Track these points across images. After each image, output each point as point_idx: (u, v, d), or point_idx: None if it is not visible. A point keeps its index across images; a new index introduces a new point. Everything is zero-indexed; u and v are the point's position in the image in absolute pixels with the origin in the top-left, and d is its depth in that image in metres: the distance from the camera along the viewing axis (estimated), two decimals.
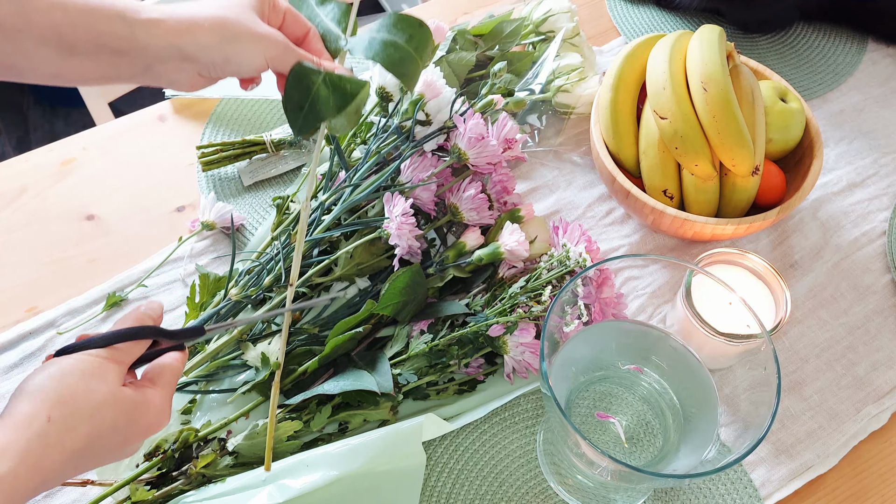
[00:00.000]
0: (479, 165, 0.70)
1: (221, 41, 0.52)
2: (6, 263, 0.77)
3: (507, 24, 0.87)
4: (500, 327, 0.65)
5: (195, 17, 0.51)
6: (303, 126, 0.54)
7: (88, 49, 0.49)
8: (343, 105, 0.55)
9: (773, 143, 0.77)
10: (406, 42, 0.55)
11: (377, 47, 0.55)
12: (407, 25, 0.56)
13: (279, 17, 0.57)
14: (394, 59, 0.55)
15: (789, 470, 0.68)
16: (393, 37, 0.55)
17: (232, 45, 0.52)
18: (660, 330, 0.67)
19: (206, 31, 0.51)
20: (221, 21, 0.52)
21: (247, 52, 0.53)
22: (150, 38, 0.50)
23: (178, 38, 0.51)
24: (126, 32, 0.49)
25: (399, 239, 0.65)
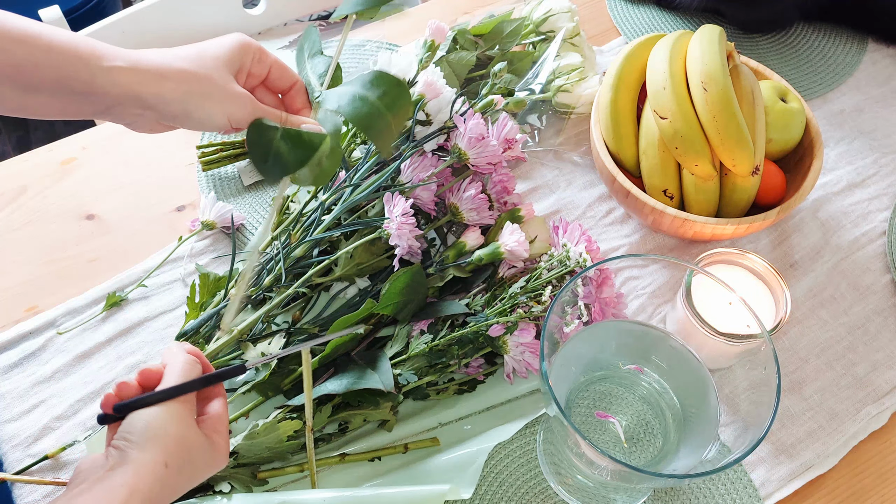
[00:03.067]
0: (479, 165, 0.70)
1: (185, 96, 0.51)
2: (6, 263, 0.77)
3: (507, 24, 0.87)
4: (500, 327, 0.65)
5: (162, 69, 0.51)
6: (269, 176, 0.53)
7: (50, 88, 0.49)
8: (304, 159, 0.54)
9: (773, 143, 0.77)
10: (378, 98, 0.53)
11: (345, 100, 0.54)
12: (383, 82, 0.54)
13: (264, 69, 0.56)
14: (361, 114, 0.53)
15: (789, 470, 0.68)
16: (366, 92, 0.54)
17: (196, 101, 0.51)
18: (660, 330, 0.67)
19: (170, 85, 0.50)
20: (190, 76, 0.51)
21: (210, 110, 0.52)
22: (111, 85, 0.49)
23: (139, 88, 0.50)
24: (87, 77, 0.49)
25: (399, 239, 0.65)
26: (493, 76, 0.75)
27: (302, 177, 0.54)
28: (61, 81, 0.49)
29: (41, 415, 0.68)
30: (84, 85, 0.49)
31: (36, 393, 0.69)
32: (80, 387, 0.69)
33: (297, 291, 0.68)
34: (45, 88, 0.49)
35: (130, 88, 0.50)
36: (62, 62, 0.48)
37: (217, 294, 0.70)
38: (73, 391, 0.69)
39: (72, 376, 0.70)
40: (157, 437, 0.47)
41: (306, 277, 0.67)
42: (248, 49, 0.54)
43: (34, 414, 0.68)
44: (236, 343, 0.67)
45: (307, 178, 0.55)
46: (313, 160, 0.53)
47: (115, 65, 0.49)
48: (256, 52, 0.55)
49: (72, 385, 0.70)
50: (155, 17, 0.99)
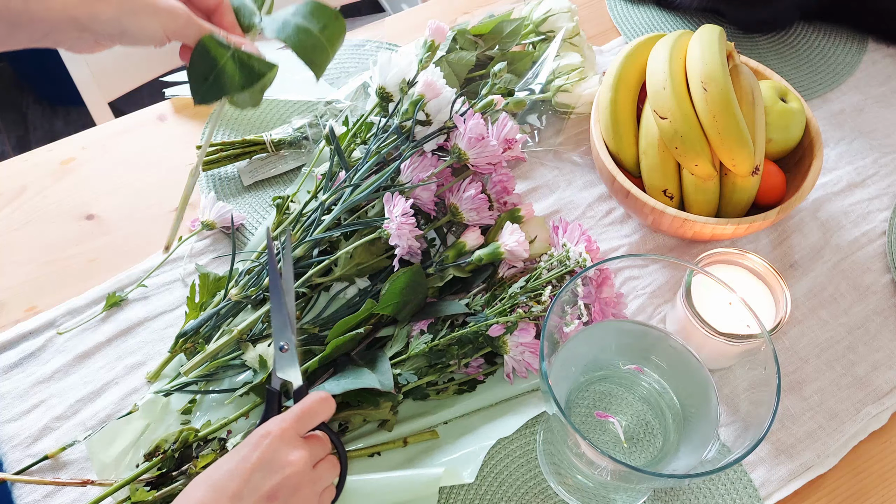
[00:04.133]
0: (479, 166, 0.70)
1: (118, 13, 0.51)
2: (6, 263, 0.77)
3: (507, 24, 0.87)
4: (500, 327, 0.65)
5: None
6: (205, 96, 0.54)
7: None
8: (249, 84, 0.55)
9: (773, 143, 0.77)
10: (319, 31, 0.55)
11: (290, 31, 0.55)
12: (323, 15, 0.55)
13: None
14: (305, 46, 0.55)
15: (789, 470, 0.68)
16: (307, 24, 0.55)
17: (129, 18, 0.52)
18: (660, 330, 0.67)
19: (103, 4, 0.51)
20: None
21: (144, 24, 0.52)
22: (45, 11, 0.50)
23: (73, 11, 0.50)
24: (20, 6, 0.49)
25: (399, 239, 0.65)
26: (492, 76, 0.75)
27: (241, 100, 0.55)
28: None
29: (41, 415, 0.68)
30: (17, 15, 0.49)
31: (36, 393, 0.69)
32: (80, 387, 0.69)
33: (296, 291, 0.68)
34: None
35: (65, 12, 0.50)
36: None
37: (217, 294, 0.70)
38: (73, 391, 0.69)
39: (72, 376, 0.70)
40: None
41: (306, 277, 0.67)
42: None
43: (34, 414, 0.68)
44: (236, 343, 0.67)
45: (246, 102, 0.56)
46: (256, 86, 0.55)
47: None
48: None
49: (72, 385, 0.70)
50: None
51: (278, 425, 0.51)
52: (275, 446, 0.50)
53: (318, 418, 0.54)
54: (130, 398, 0.69)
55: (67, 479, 0.63)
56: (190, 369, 0.66)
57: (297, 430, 0.52)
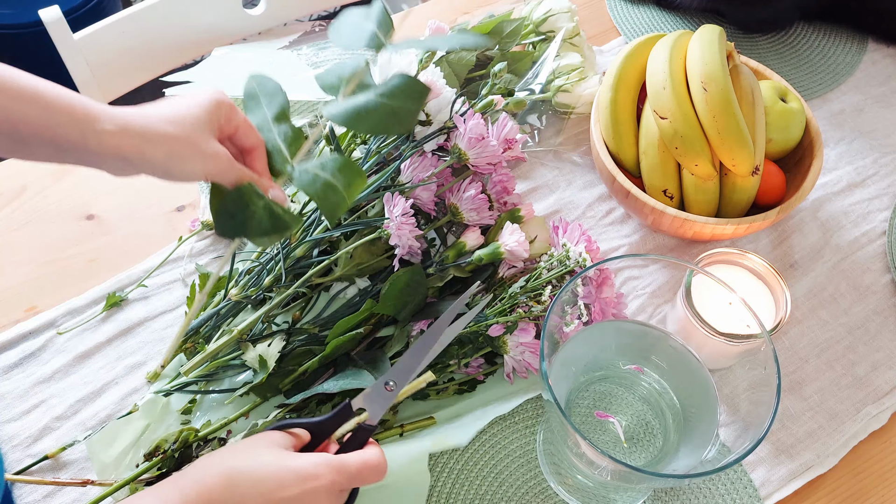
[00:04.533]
0: (479, 166, 0.70)
1: (167, 158, 0.54)
2: (6, 263, 0.77)
3: (507, 24, 0.87)
4: (500, 327, 0.65)
5: (147, 133, 0.53)
6: (227, 232, 0.57)
7: (42, 143, 0.52)
8: (275, 231, 0.58)
9: (773, 143, 0.77)
10: (343, 187, 0.58)
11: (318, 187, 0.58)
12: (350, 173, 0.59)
13: (232, 127, 0.59)
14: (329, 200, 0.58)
15: (789, 470, 0.68)
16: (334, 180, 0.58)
17: (176, 164, 0.55)
18: (660, 330, 0.67)
19: (154, 148, 0.54)
20: (172, 140, 0.54)
21: (189, 169, 0.56)
22: (99, 146, 0.53)
23: (126, 151, 0.53)
24: (79, 138, 0.52)
25: (399, 239, 0.65)
26: (492, 76, 0.75)
27: (260, 242, 0.59)
28: (55, 140, 0.52)
29: (41, 415, 0.68)
30: (75, 144, 0.52)
31: (36, 393, 0.69)
32: (80, 387, 0.69)
33: (296, 291, 0.68)
34: (37, 143, 0.52)
35: (118, 150, 0.53)
36: (57, 123, 0.51)
37: (217, 294, 0.70)
38: (73, 391, 0.69)
39: (72, 376, 0.70)
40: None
41: (306, 277, 0.67)
42: (221, 106, 0.58)
43: (34, 414, 0.68)
44: (236, 343, 0.67)
45: (265, 243, 0.60)
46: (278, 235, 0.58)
47: (106, 128, 0.53)
48: (228, 110, 0.59)
49: (72, 385, 0.70)
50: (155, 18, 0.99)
51: (332, 476, 0.49)
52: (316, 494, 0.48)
53: (365, 484, 0.52)
54: (130, 398, 0.69)
55: (67, 479, 0.63)
56: (190, 369, 0.66)
57: (344, 487, 0.50)
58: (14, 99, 0.50)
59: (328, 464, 0.49)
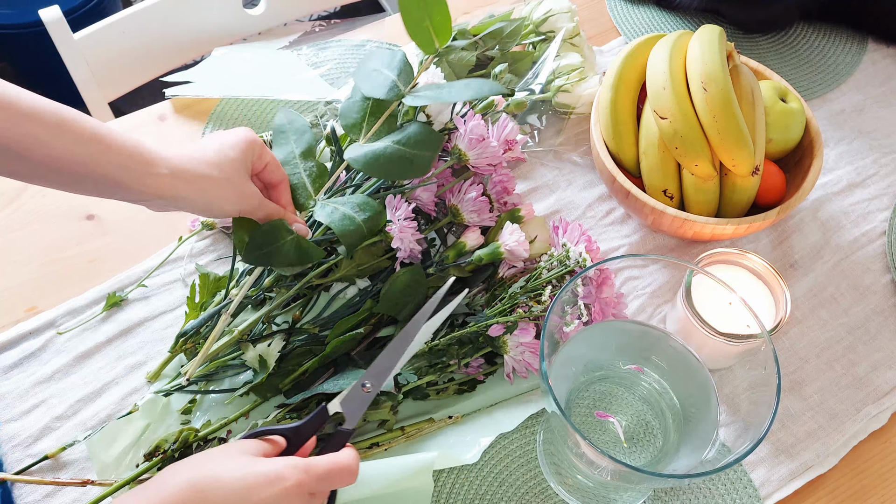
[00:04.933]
0: (479, 167, 0.70)
1: (208, 198, 0.60)
2: (6, 263, 0.77)
3: (507, 24, 0.87)
4: (500, 327, 0.65)
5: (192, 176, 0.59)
6: (253, 260, 0.63)
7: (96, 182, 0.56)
8: (299, 263, 0.64)
9: (773, 143, 0.77)
10: (363, 220, 0.64)
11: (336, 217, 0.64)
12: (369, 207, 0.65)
13: (261, 164, 0.64)
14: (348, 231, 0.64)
15: (789, 470, 0.68)
16: (354, 214, 0.64)
17: (215, 203, 0.61)
18: (660, 330, 0.67)
19: (196, 189, 0.59)
20: (214, 183, 0.60)
21: (226, 208, 0.62)
22: (150, 189, 0.57)
23: (172, 192, 0.58)
24: (133, 182, 0.57)
25: (401, 242, 0.66)
26: (494, 78, 0.75)
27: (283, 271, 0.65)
28: (108, 179, 0.56)
29: (41, 415, 0.68)
30: (127, 186, 0.57)
31: (36, 393, 0.69)
32: (81, 387, 0.69)
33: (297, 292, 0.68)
34: (91, 181, 0.56)
35: (167, 192, 0.58)
36: (115, 165, 0.56)
37: (217, 294, 0.70)
38: (73, 391, 0.69)
39: (72, 376, 0.70)
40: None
41: (308, 279, 0.67)
42: (254, 147, 0.63)
43: (34, 414, 0.68)
44: (236, 343, 0.67)
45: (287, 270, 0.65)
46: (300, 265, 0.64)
47: (160, 172, 0.57)
48: (259, 150, 0.64)
49: (72, 385, 0.70)
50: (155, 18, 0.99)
51: (299, 476, 0.48)
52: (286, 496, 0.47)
53: (337, 486, 0.51)
54: (130, 398, 0.69)
55: (67, 479, 0.63)
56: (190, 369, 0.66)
57: (312, 490, 0.49)
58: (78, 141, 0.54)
59: (295, 465, 0.48)
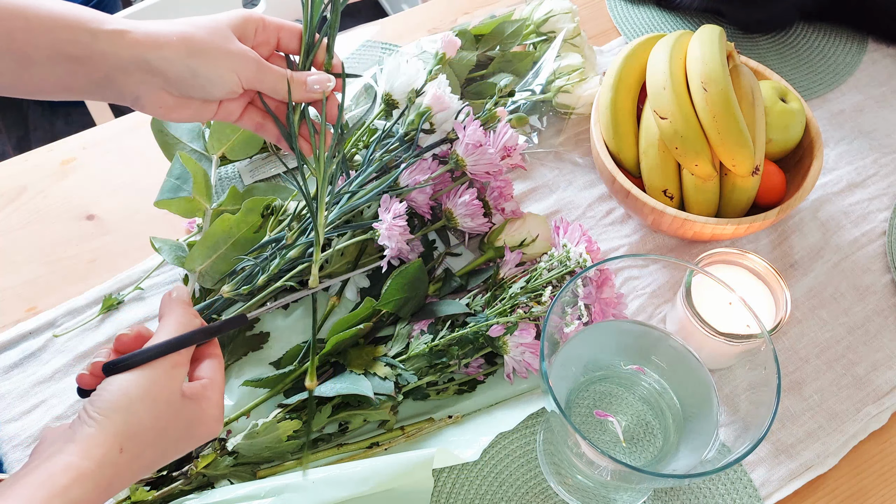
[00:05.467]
0: (477, 174, 0.70)
1: (188, 55, 0.50)
2: (6, 263, 0.77)
3: (508, 25, 0.87)
4: (501, 328, 0.65)
5: (163, 33, 0.50)
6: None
7: (46, 57, 0.47)
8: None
9: (773, 143, 0.77)
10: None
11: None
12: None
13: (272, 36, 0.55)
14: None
15: (789, 470, 0.68)
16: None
17: (199, 60, 0.50)
18: (660, 330, 0.67)
19: (173, 44, 0.49)
20: (190, 36, 0.50)
21: (215, 67, 0.51)
22: (113, 46, 0.48)
23: (143, 50, 0.49)
24: (87, 40, 0.48)
25: (389, 241, 0.66)
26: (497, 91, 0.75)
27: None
28: (59, 47, 0.47)
29: (41, 415, 0.68)
30: (83, 48, 0.47)
31: (36, 393, 0.69)
32: None
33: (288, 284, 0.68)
34: (40, 58, 0.47)
35: (133, 51, 0.48)
36: (62, 28, 0.47)
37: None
38: (73, 391, 0.69)
39: (72, 376, 0.70)
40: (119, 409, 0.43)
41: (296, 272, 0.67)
42: (249, 20, 0.53)
43: (34, 414, 0.68)
44: None
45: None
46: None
47: (117, 28, 0.48)
48: (258, 22, 0.54)
49: (72, 385, 0.70)
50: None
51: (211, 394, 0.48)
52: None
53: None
54: None
55: None
56: None
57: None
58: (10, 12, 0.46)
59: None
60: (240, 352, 0.69)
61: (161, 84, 0.50)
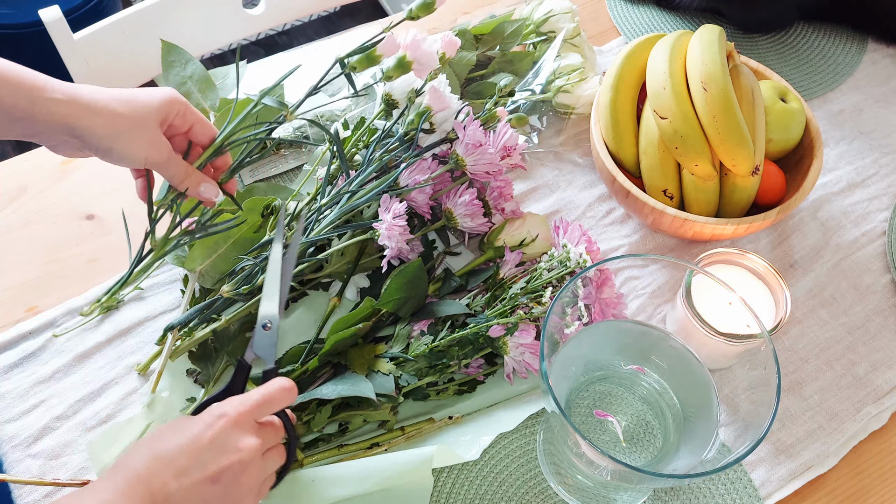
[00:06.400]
0: (477, 174, 0.70)
1: (114, 133, 0.56)
2: (6, 263, 0.77)
3: (508, 25, 0.87)
4: (501, 328, 0.65)
5: (97, 107, 0.55)
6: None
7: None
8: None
9: (773, 143, 0.77)
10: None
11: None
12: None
13: (185, 124, 0.62)
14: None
15: (789, 470, 0.68)
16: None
17: (121, 141, 0.57)
18: (660, 330, 0.67)
19: (101, 121, 0.56)
20: (121, 117, 0.56)
21: (132, 150, 0.58)
22: (47, 114, 0.54)
23: (73, 120, 0.55)
24: (26, 106, 0.54)
25: (389, 241, 0.66)
26: (497, 91, 0.75)
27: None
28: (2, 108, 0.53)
29: (41, 415, 0.68)
30: (22, 112, 0.54)
31: (36, 393, 0.69)
32: (80, 387, 0.69)
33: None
34: None
35: (65, 119, 0.55)
36: (8, 91, 0.53)
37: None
38: (73, 391, 0.69)
39: (72, 376, 0.70)
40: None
41: (296, 271, 0.67)
42: (174, 104, 0.60)
43: (34, 414, 0.68)
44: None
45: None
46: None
47: (55, 97, 0.54)
48: (181, 108, 0.60)
49: (72, 385, 0.70)
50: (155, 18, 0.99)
51: (236, 409, 0.50)
52: (228, 430, 0.49)
53: (278, 407, 0.53)
54: (130, 398, 0.69)
55: (67, 479, 0.63)
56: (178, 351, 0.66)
57: (254, 417, 0.51)
58: None
59: (230, 401, 0.51)
60: (239, 353, 0.69)
61: (79, 145, 0.57)
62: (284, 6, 1.09)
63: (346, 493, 0.60)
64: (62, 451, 0.66)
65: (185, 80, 0.75)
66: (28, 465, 0.66)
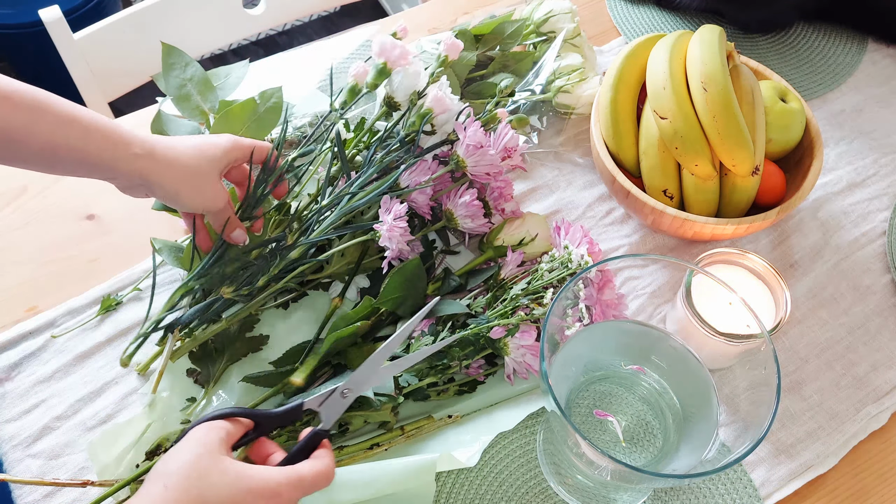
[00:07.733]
0: (477, 175, 0.70)
1: (180, 186, 0.61)
2: (6, 263, 0.77)
3: (508, 25, 0.87)
4: (502, 329, 0.64)
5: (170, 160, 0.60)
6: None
7: (72, 163, 0.58)
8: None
9: (773, 143, 0.77)
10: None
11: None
12: None
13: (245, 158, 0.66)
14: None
15: (789, 470, 0.68)
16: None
17: (186, 193, 0.62)
18: (660, 330, 0.67)
19: (172, 175, 0.61)
20: (189, 173, 0.61)
21: (193, 201, 0.63)
22: (127, 167, 0.59)
23: (148, 174, 0.60)
24: (110, 159, 0.58)
25: (390, 242, 0.66)
26: (498, 92, 0.75)
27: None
28: (86, 160, 0.57)
29: (41, 415, 0.68)
30: (105, 164, 0.58)
31: (36, 393, 0.69)
32: (80, 387, 0.69)
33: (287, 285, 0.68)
34: (68, 163, 0.57)
35: (140, 172, 0.59)
36: (96, 144, 0.57)
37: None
38: (73, 391, 0.69)
39: (72, 376, 0.70)
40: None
41: (297, 272, 0.67)
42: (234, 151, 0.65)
43: (34, 414, 0.68)
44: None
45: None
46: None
47: (135, 152, 0.59)
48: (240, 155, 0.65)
49: (72, 385, 0.70)
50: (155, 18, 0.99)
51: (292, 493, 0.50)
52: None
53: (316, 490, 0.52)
54: (130, 398, 0.69)
55: (67, 479, 0.63)
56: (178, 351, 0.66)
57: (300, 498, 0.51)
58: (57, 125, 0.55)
59: (288, 482, 0.50)
60: (239, 353, 0.69)
61: (145, 192, 0.63)
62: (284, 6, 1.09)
63: (350, 499, 0.60)
64: (62, 451, 0.66)
65: (185, 82, 0.76)
66: (28, 465, 0.66)
